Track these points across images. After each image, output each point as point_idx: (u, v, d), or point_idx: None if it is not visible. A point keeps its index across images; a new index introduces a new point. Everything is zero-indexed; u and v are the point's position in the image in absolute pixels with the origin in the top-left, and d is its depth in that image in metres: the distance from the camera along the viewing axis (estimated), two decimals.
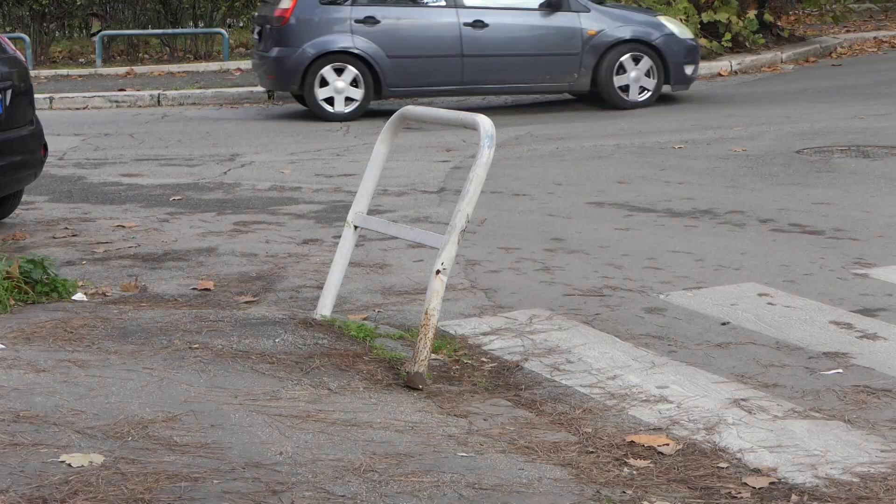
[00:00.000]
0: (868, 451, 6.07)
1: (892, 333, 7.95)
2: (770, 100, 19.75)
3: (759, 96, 20.07)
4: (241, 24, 27.09)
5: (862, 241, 10.41)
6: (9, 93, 11.37)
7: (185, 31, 26.07)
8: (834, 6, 27.87)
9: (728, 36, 23.84)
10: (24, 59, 12.09)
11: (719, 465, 5.94)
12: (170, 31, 25.91)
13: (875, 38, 28.03)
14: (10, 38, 14.63)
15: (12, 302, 8.30)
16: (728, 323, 8.25)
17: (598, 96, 19.62)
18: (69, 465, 5.31)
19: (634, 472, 5.80)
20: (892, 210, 11.56)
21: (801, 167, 13.93)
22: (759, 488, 5.64)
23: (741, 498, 5.54)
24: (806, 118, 17.56)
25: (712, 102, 19.77)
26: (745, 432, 6.33)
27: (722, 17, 23.60)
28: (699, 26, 23.37)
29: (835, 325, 8.14)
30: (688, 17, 23.11)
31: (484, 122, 7.14)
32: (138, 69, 24.66)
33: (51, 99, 21.16)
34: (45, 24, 25.67)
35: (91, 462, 5.35)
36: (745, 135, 16.24)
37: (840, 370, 7.30)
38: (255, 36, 20.31)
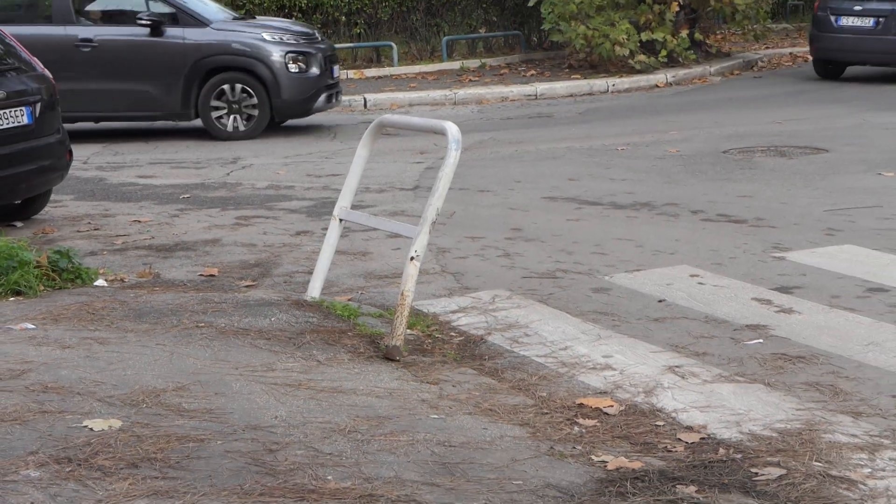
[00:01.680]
0: (785, 410, 6.09)
1: (805, 308, 7.96)
2: (700, 107, 19.76)
3: (690, 104, 20.08)
4: None
5: (780, 228, 10.43)
6: (38, 105, 11.35)
7: None
8: (755, 26, 27.83)
9: (664, 52, 23.81)
10: (51, 75, 12.03)
11: (657, 423, 5.94)
12: None
13: (791, 53, 28.07)
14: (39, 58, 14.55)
15: (42, 288, 8.29)
16: (664, 300, 8.26)
17: None
18: (91, 429, 5.30)
19: (583, 430, 5.80)
20: (805, 202, 11.58)
21: (727, 165, 13.95)
22: (692, 443, 5.65)
23: (676, 451, 5.54)
24: (731, 123, 17.58)
25: (651, 110, 19.78)
26: (679, 395, 6.34)
27: (658, 36, 23.58)
28: (639, 44, 23.38)
29: (756, 302, 8.15)
30: (629, 36, 23.13)
31: (451, 128, 7.15)
32: None
33: None
34: None
35: (110, 426, 5.33)
36: (679, 138, 16.25)
37: (761, 340, 7.31)
38: None
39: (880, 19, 22.09)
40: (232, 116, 17.77)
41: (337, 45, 25.81)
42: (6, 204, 11.41)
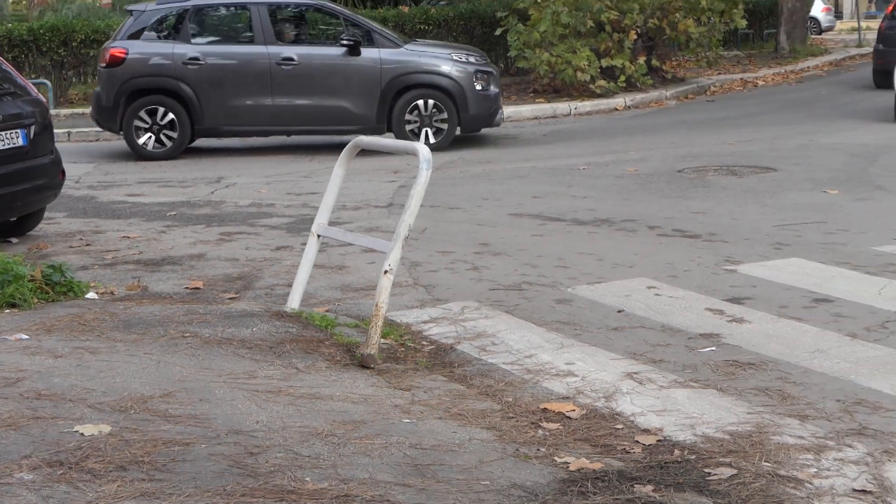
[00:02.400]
0: (736, 414, 6.10)
1: (755, 318, 7.99)
2: (657, 129, 19.82)
3: (647, 127, 20.13)
4: None
5: (731, 243, 10.46)
6: (33, 128, 11.33)
7: None
8: (708, 53, 27.98)
9: (623, 78, 23.90)
10: (45, 100, 12.00)
11: (616, 426, 5.95)
12: None
13: (741, 78, 28.15)
14: (34, 84, 14.52)
15: (35, 300, 8.26)
16: (623, 311, 8.27)
17: None
18: (82, 434, 5.28)
19: (547, 433, 5.80)
20: (755, 217, 11.62)
21: (682, 183, 13.99)
22: (649, 445, 5.66)
23: (634, 453, 5.54)
24: (686, 144, 17.64)
25: (610, 132, 19.82)
26: (637, 400, 6.35)
27: (618, 62, 23.67)
28: (599, 70, 23.47)
29: (709, 312, 8.17)
30: (590, 62, 23.21)
31: (423, 149, 7.16)
32: None
33: (69, 133, 20.99)
34: (63, 72, 25.48)
35: (100, 431, 5.31)
36: (636, 157, 16.28)
37: (713, 348, 7.33)
38: None
39: None
40: (423, 130, 18.18)
41: None
42: (2, 221, 11.38)
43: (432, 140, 17.95)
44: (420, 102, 18.16)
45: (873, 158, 15.52)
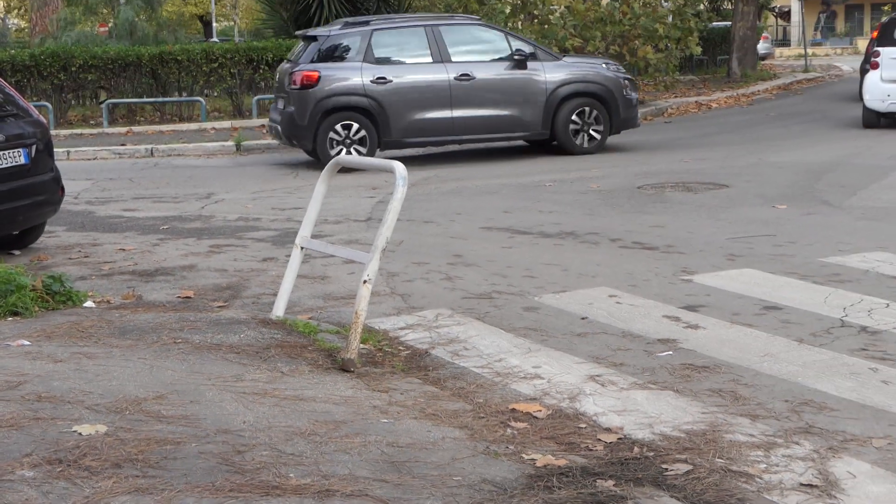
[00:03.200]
0: (692, 413, 6.11)
1: (709, 324, 8.00)
2: (617, 149, 19.85)
3: (608, 146, 20.15)
4: (216, 94, 26.90)
5: (687, 254, 10.48)
6: (34, 147, 11.31)
7: (171, 99, 25.88)
8: (665, 77, 28.07)
9: None
10: (46, 121, 11.96)
11: (580, 425, 5.95)
12: (160, 99, 25.71)
13: (696, 101, 28.25)
14: (35, 106, 14.50)
15: (37, 309, 8.23)
16: (586, 318, 8.27)
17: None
18: (80, 433, 5.25)
19: (515, 432, 5.80)
20: (709, 231, 11.65)
21: (641, 199, 14.02)
22: (610, 442, 5.66)
23: (596, 450, 5.55)
24: (645, 162, 17.68)
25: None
26: (599, 400, 6.36)
27: None
28: None
29: (666, 318, 8.19)
30: None
31: (399, 167, 7.15)
32: (136, 129, 24.44)
33: (68, 152, 20.92)
34: (63, 95, 25.42)
35: (97, 431, 5.29)
36: (599, 175, 16.31)
37: (670, 352, 7.34)
38: None
39: None
40: (582, 134, 19.13)
41: None
42: (5, 234, 11.34)
43: (586, 145, 19.15)
44: (581, 109, 19.03)
45: (819, 176, 15.58)
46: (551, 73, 18.98)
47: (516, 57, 18.80)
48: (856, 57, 53.76)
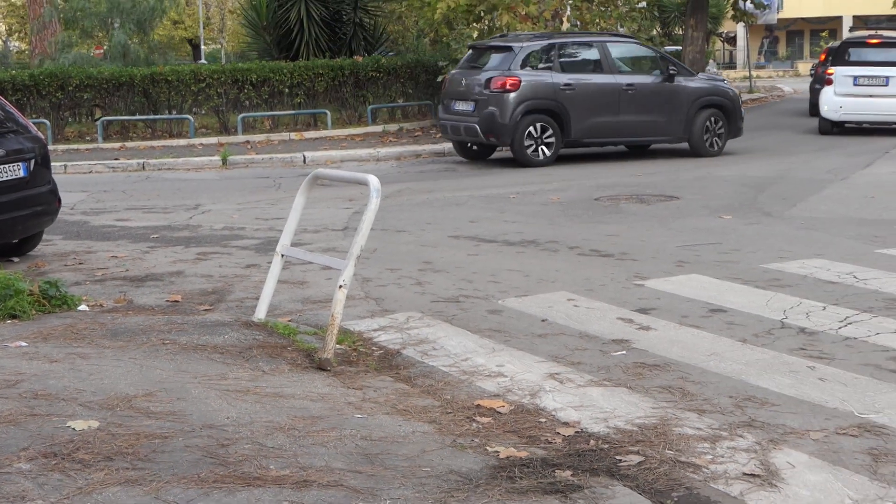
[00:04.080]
0: (643, 408, 6.12)
1: (660, 326, 8.02)
2: (574, 164, 19.90)
3: (566, 162, 20.20)
4: (203, 112, 26.80)
5: (640, 261, 10.51)
6: (32, 161, 11.24)
7: (162, 117, 25.77)
8: None
9: None
10: (44, 137, 11.89)
11: (540, 419, 5.95)
12: (151, 117, 25.60)
13: None
14: (35, 123, 14.43)
15: (34, 312, 8.17)
16: (546, 320, 8.28)
17: None
18: (74, 429, 5.22)
19: (480, 426, 5.80)
20: (661, 239, 11.68)
21: (598, 210, 14.05)
22: (568, 436, 5.67)
23: (555, 443, 5.55)
24: (601, 176, 17.72)
25: (535, 165, 19.83)
26: (558, 397, 6.36)
27: None
28: None
29: (620, 320, 8.20)
30: None
31: (373, 180, 7.14)
32: (129, 144, 24.31)
33: (65, 166, 20.79)
34: (61, 112, 25.25)
35: (90, 426, 5.26)
36: (558, 188, 16.34)
37: (624, 352, 7.35)
38: None
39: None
40: (712, 139, 20.62)
41: (280, 113, 25.88)
42: (5, 243, 11.27)
43: (714, 148, 20.57)
44: (711, 118, 20.52)
45: (761, 189, 15.67)
46: (691, 87, 20.49)
47: (670, 71, 20.24)
48: (796, 79, 54.30)
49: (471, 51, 21.14)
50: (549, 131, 19.42)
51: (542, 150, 19.41)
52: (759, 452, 5.43)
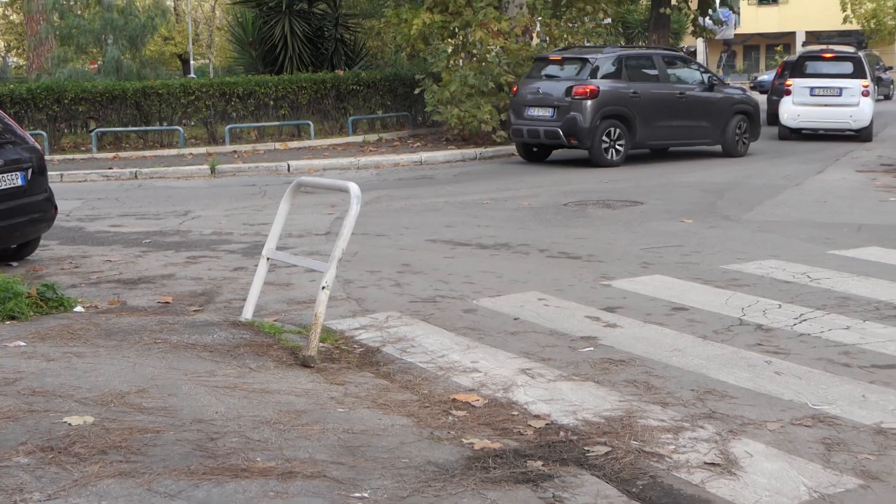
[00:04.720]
0: (610, 402, 6.13)
1: (626, 323, 8.04)
2: (546, 171, 19.92)
3: (538, 169, 20.23)
4: (193, 123, 26.69)
5: (606, 262, 10.52)
6: (30, 170, 11.18)
7: (153, 128, 25.65)
8: None
9: None
10: (41, 147, 11.82)
11: (512, 413, 5.95)
12: (143, 128, 25.49)
13: None
14: (32, 134, 14.35)
15: (31, 314, 8.13)
16: (518, 318, 8.29)
17: None
18: (70, 424, 5.19)
19: (456, 419, 5.80)
20: (626, 242, 11.70)
21: (566, 215, 14.06)
22: (539, 428, 5.67)
23: (527, 435, 5.55)
24: (569, 183, 17.74)
25: (508, 173, 19.85)
26: (530, 391, 6.36)
27: None
28: (500, 122, 23.51)
29: (588, 319, 8.21)
30: (492, 116, 23.26)
31: (353, 187, 7.13)
32: (122, 154, 24.19)
33: (61, 175, 20.67)
34: (57, 124, 25.10)
35: (85, 421, 5.23)
36: (529, 194, 16.35)
37: (592, 348, 7.36)
38: None
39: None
40: (740, 142, 21.70)
41: (265, 124, 25.81)
42: (4, 248, 11.21)
43: (741, 150, 21.65)
44: (740, 123, 21.61)
45: (721, 194, 15.72)
46: (726, 95, 21.61)
47: (713, 82, 21.47)
48: (754, 92, 54.31)
49: (536, 62, 21.85)
50: (620, 135, 20.14)
51: (612, 151, 20.13)
52: (718, 442, 5.44)
